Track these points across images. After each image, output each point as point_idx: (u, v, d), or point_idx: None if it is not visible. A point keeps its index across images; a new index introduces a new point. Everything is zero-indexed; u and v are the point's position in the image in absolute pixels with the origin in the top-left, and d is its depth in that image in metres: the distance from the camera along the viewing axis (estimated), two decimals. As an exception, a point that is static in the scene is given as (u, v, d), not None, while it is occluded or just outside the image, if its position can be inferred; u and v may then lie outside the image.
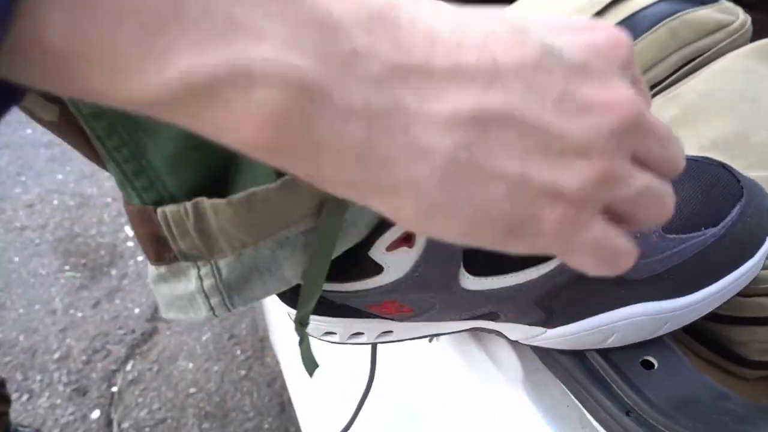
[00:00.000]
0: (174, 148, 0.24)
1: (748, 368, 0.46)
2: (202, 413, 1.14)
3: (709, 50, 0.56)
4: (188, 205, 0.25)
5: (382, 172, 0.16)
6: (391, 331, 0.33)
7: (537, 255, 0.29)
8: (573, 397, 0.33)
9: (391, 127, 0.15)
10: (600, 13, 0.58)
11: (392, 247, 0.28)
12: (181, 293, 0.27)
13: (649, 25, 0.56)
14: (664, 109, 0.52)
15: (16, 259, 1.46)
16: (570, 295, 0.31)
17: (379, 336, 0.33)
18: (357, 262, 0.28)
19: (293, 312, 0.33)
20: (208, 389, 1.19)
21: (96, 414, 1.14)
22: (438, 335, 0.34)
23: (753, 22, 0.60)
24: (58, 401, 1.16)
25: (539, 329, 0.32)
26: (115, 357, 1.24)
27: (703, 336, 0.46)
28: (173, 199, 0.25)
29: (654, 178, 0.19)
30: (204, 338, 1.28)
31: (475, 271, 0.29)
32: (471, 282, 0.29)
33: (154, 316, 1.33)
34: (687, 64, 0.57)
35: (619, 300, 0.31)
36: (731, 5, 0.58)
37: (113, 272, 1.42)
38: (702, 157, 0.35)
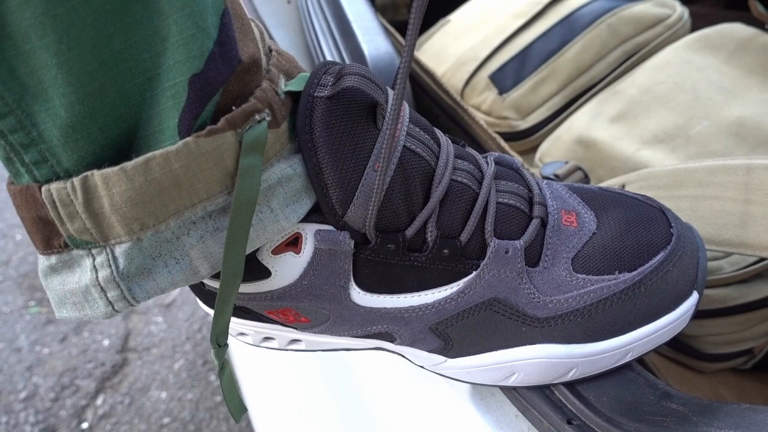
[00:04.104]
0: (69, 117, 0.20)
1: (706, 362, 0.46)
2: (177, 444, 1.11)
3: (650, 44, 0.57)
4: (76, 180, 0.21)
5: None
6: (300, 341, 0.32)
7: (432, 280, 0.28)
8: (515, 408, 0.32)
9: None
10: (540, 14, 0.58)
11: (277, 250, 0.26)
12: (74, 287, 0.23)
13: (587, 22, 0.56)
14: (608, 105, 0.52)
15: (-21, 297, 1.42)
16: (467, 325, 0.29)
17: (289, 343, 0.32)
18: (245, 264, 0.26)
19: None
20: (182, 418, 1.15)
21: (66, 453, 1.10)
22: (347, 350, 0.33)
23: (695, 14, 0.60)
24: (26, 442, 1.12)
25: (440, 357, 0.31)
26: (84, 392, 1.20)
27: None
28: (69, 177, 0.21)
29: None
30: (177, 366, 1.25)
31: (367, 287, 0.28)
32: (362, 298, 0.28)
33: (124, 347, 1.29)
34: (629, 59, 0.57)
35: (521, 338, 0.29)
36: (668, -1, 0.58)
37: (80, 304, 1.38)
38: (643, 196, 0.33)
